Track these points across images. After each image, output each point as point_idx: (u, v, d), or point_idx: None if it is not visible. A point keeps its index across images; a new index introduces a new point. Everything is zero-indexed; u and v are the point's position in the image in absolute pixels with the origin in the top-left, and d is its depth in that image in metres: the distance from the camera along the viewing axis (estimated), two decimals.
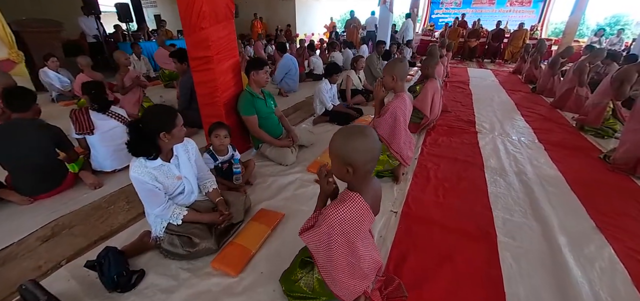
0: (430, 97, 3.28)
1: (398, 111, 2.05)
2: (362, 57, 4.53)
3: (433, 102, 3.31)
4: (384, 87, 2.17)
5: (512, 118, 4.01)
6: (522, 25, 9.50)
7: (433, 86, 3.30)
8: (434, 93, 3.34)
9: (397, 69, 2.06)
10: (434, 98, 3.31)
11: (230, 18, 2.38)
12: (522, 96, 5.27)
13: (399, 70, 2.06)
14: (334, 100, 3.96)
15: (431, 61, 3.43)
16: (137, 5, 12.06)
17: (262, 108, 2.63)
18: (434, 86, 3.30)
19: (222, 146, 2.13)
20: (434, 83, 3.32)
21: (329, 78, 3.66)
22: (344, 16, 10.66)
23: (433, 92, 3.30)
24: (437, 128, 3.52)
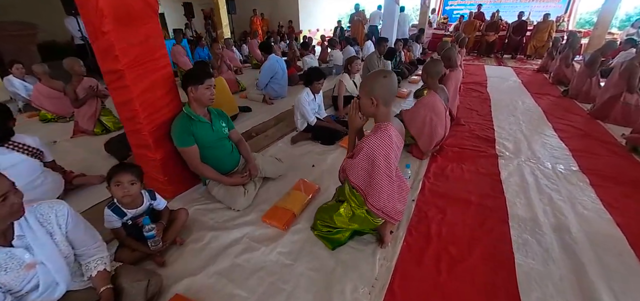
0: (422, 118, 2.54)
1: (377, 151, 1.36)
2: (357, 58, 3.81)
3: (430, 124, 2.54)
4: (360, 111, 1.48)
5: (541, 134, 3.21)
6: (547, 16, 8.46)
7: (430, 103, 2.54)
8: (430, 114, 2.54)
9: (378, 86, 1.37)
10: (431, 120, 2.54)
11: (151, 17, 1.73)
12: (551, 102, 4.42)
13: (381, 88, 1.37)
14: (320, 112, 3.27)
15: (433, 69, 2.59)
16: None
17: (206, 135, 1.98)
18: (430, 103, 2.54)
19: (129, 196, 1.50)
20: (432, 99, 2.55)
21: (310, 87, 2.98)
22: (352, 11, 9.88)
23: (429, 112, 2.53)
24: (446, 150, 2.78)
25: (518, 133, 3.21)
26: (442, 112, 2.62)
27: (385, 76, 1.35)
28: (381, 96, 1.35)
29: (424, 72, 2.65)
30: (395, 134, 1.40)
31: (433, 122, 2.51)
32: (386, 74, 1.36)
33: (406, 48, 7.04)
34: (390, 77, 1.36)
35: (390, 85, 1.36)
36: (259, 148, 3.02)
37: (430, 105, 2.52)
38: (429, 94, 2.58)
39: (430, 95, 2.55)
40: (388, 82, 1.36)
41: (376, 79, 1.36)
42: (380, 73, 1.37)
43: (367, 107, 1.39)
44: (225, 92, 3.66)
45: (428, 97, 2.56)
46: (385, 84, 1.35)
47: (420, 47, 8.29)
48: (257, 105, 4.44)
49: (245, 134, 3.40)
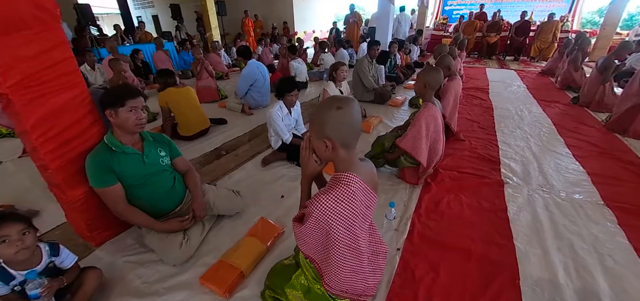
0: (423, 133, 2.08)
1: (333, 221, 0.92)
2: (343, 64, 3.39)
3: (433, 138, 2.13)
4: (315, 154, 1.05)
5: (552, 152, 2.78)
6: (552, 15, 8.01)
7: (429, 115, 2.09)
8: (432, 123, 2.12)
9: (331, 123, 0.91)
10: (432, 134, 2.12)
11: (46, 25, 1.31)
12: (560, 111, 3.98)
13: (335, 126, 0.91)
14: (298, 127, 2.86)
15: (433, 79, 2.05)
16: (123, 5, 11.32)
17: (135, 169, 1.57)
18: (429, 115, 2.09)
19: (26, 249, 1.10)
20: (429, 112, 2.10)
21: (282, 100, 2.56)
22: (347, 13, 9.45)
23: (431, 122, 2.10)
24: (441, 175, 2.35)
25: (526, 151, 2.78)
26: (441, 126, 2.20)
27: (339, 107, 0.89)
28: (337, 137, 0.91)
29: (421, 82, 2.08)
30: (362, 190, 0.96)
31: (434, 137, 2.12)
32: (341, 104, 0.89)
33: (403, 50, 6.62)
34: (347, 108, 0.89)
35: (348, 121, 0.90)
36: (224, 171, 2.61)
37: (429, 115, 2.08)
38: (426, 106, 2.12)
39: (429, 107, 2.09)
40: (344, 117, 0.89)
41: (327, 113, 0.90)
42: (332, 103, 0.90)
43: (320, 152, 0.97)
44: (194, 104, 3.24)
45: (428, 109, 2.09)
46: (340, 120, 0.89)
47: (418, 49, 7.87)
48: (234, 116, 4.02)
49: (214, 153, 2.99)
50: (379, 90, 4.28)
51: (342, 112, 0.89)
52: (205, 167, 2.74)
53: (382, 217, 1.82)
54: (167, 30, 11.45)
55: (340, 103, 0.89)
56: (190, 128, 3.22)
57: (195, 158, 2.87)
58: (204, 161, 2.85)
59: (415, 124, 2.06)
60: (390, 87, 4.97)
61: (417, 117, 2.08)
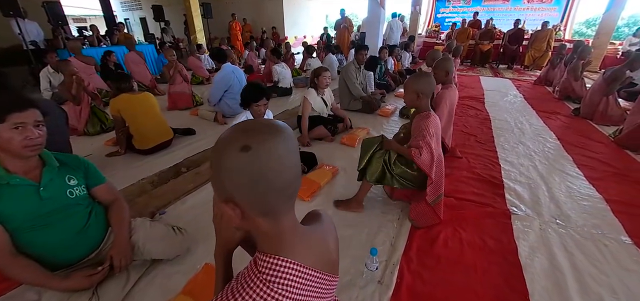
0: (434, 145, 1.62)
1: None
2: (326, 70, 3.01)
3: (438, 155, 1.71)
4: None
5: (562, 172, 2.43)
6: (546, 24, 7.84)
7: (435, 125, 1.68)
8: (436, 134, 1.69)
9: (233, 173, 0.46)
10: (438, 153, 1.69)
11: None
12: (563, 124, 3.67)
13: (237, 178, 0.46)
14: None
15: (426, 85, 1.65)
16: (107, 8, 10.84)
17: (25, 206, 1.14)
18: (436, 125, 1.68)
19: None
20: (435, 122, 1.70)
21: (249, 110, 2.15)
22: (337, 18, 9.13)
23: (436, 132, 1.68)
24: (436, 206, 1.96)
25: (532, 171, 2.42)
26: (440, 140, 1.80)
27: (246, 148, 0.44)
28: (247, 200, 0.49)
29: (412, 91, 1.67)
30: (304, 281, 0.54)
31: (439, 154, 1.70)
32: (250, 141, 0.45)
33: (394, 55, 6.30)
34: (261, 148, 0.45)
35: (265, 171, 0.45)
36: (178, 195, 2.18)
37: (436, 126, 1.68)
38: (428, 116, 1.66)
39: (433, 117, 1.67)
40: (255, 164, 0.45)
41: (225, 157, 0.46)
42: (235, 139, 0.46)
43: (229, 219, 0.54)
44: (152, 112, 2.81)
45: (434, 119, 1.67)
46: (249, 170, 0.45)
47: (410, 56, 7.57)
48: (206, 125, 3.60)
49: (172, 170, 2.56)
50: (366, 98, 3.92)
51: (251, 157, 0.45)
52: (157, 188, 2.31)
53: (361, 265, 1.42)
54: (153, 33, 11.00)
55: (247, 140, 0.45)
56: (147, 141, 2.78)
57: (147, 177, 2.44)
58: (158, 180, 2.42)
59: (424, 137, 1.62)
60: (380, 95, 4.62)
61: (425, 126, 1.62)
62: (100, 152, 2.95)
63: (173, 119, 3.88)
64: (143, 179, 2.42)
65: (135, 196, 2.21)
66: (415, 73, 1.88)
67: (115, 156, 2.85)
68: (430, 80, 1.69)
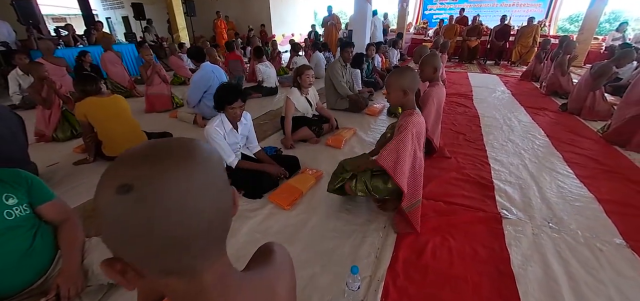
0: (410, 148, 1.52)
1: None
2: (309, 68, 2.87)
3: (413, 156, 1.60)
4: None
5: (551, 170, 2.36)
6: (532, 19, 7.88)
7: (417, 123, 1.57)
8: (416, 141, 1.60)
9: (112, 222, 0.31)
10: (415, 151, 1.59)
11: None
12: (551, 120, 3.63)
13: (118, 229, 0.31)
14: (250, 145, 2.30)
15: (410, 80, 1.52)
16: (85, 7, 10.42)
17: None
18: (417, 124, 1.57)
19: None
20: (418, 120, 1.57)
21: (224, 112, 2.00)
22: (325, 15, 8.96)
23: (417, 137, 1.58)
24: (424, 207, 1.84)
25: (522, 170, 2.35)
26: (423, 142, 1.70)
27: (124, 189, 0.30)
28: (133, 257, 0.33)
29: (397, 88, 1.54)
30: None
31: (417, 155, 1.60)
32: (132, 180, 0.30)
33: (382, 52, 6.20)
34: (148, 190, 0.30)
35: (151, 222, 0.31)
36: None
37: (419, 126, 1.58)
38: (412, 114, 1.56)
39: (417, 115, 1.56)
40: (137, 214, 0.30)
41: (102, 201, 0.32)
42: (113, 177, 0.32)
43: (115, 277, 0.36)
44: (122, 117, 2.62)
45: (417, 117, 1.56)
46: (127, 222, 0.30)
47: (398, 53, 7.50)
48: (184, 128, 3.42)
49: None
50: (353, 97, 3.79)
51: (134, 202, 0.30)
52: None
53: (342, 284, 1.29)
54: (134, 32, 10.61)
55: (130, 175, 0.31)
56: (117, 147, 2.59)
57: None
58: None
59: (400, 133, 1.51)
60: (368, 93, 4.52)
61: (404, 125, 1.53)
62: (69, 159, 2.74)
63: (151, 122, 3.69)
64: None
65: None
66: (397, 68, 1.75)
67: (83, 164, 2.65)
68: (414, 75, 1.57)
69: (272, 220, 1.80)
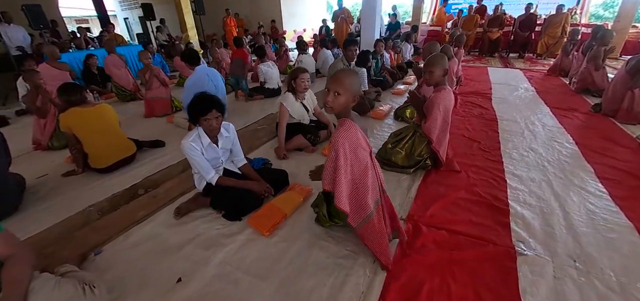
0: (342, 175, 1.31)
1: None
2: (304, 71, 2.64)
3: None
4: None
5: (581, 189, 2.01)
6: (561, 7, 7.20)
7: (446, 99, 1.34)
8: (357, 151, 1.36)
9: None
10: None
11: None
12: (581, 122, 3.21)
13: None
14: (236, 158, 2.11)
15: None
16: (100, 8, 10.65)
17: None
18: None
19: None
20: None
21: (199, 125, 1.81)
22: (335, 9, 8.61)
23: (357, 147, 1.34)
24: (423, 236, 1.60)
25: (544, 188, 2.02)
26: None
27: None
28: None
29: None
30: None
31: None
32: None
33: (393, 48, 5.85)
34: None
35: None
36: (124, 227, 1.87)
37: (350, 137, 1.33)
38: (341, 124, 1.35)
39: (347, 124, 1.32)
40: None
41: None
42: None
43: None
44: (108, 127, 2.52)
45: (346, 129, 1.33)
46: None
47: (412, 47, 7.09)
48: (178, 135, 3.26)
49: (128, 192, 2.26)
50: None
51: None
52: (105, 216, 2.01)
53: None
54: (142, 32, 10.74)
55: None
56: (102, 159, 2.49)
57: (97, 203, 2.14)
58: (109, 206, 2.12)
59: (331, 153, 1.35)
60: (375, 93, 4.23)
61: (332, 142, 1.48)
62: (60, 170, 2.67)
63: (149, 127, 3.62)
64: (91, 206, 2.12)
65: (76, 228, 1.91)
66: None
67: (72, 175, 2.57)
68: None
69: (249, 248, 1.61)
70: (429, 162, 2.19)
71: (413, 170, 2.20)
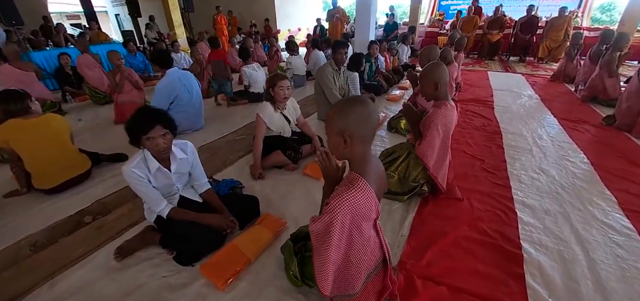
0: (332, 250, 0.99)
1: None
2: (283, 78, 2.30)
3: None
4: None
5: (605, 224, 1.70)
6: (563, 9, 6.92)
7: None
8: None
9: None
10: None
11: None
12: (594, 137, 2.91)
13: None
14: (198, 183, 1.77)
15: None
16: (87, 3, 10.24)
17: None
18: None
19: None
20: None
21: (143, 146, 1.47)
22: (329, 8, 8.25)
23: None
24: (418, 295, 1.27)
25: (561, 222, 1.70)
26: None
27: None
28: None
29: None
30: None
31: None
32: None
33: (390, 51, 5.52)
34: None
35: None
36: (51, 271, 1.52)
37: (356, 203, 0.92)
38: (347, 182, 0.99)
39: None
40: None
41: None
42: None
43: None
44: (54, 141, 2.16)
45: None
46: None
47: (409, 49, 6.78)
48: None
49: (72, 220, 1.92)
50: None
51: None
52: (39, 252, 1.66)
53: None
54: (131, 30, 10.30)
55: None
56: (48, 178, 2.14)
57: (32, 235, 1.80)
58: (46, 239, 1.77)
59: (325, 216, 0.95)
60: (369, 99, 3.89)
61: (329, 210, 0.92)
62: (4, 189, 2.31)
63: (118, 135, 3.25)
64: (22, 239, 1.77)
65: (3, 268, 1.57)
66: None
67: (15, 196, 2.22)
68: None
69: None
70: (426, 188, 1.86)
71: (407, 198, 1.87)
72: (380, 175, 1.04)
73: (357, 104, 0.93)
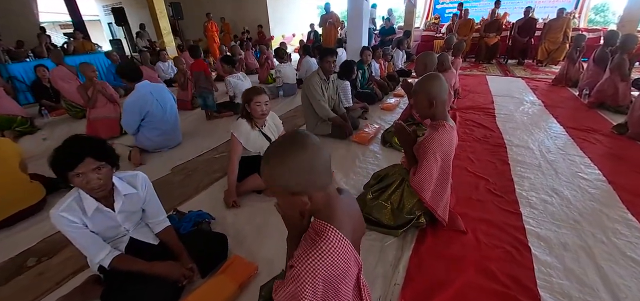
0: None
1: None
2: (261, 92, 2.04)
3: None
4: None
5: (635, 263, 1.43)
6: (562, 11, 6.73)
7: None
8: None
9: None
10: None
11: None
12: (606, 148, 2.65)
13: None
14: (152, 222, 1.49)
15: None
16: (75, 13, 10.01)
17: None
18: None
19: None
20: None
21: (65, 181, 1.19)
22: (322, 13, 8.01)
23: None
24: None
25: (585, 263, 1.43)
26: None
27: None
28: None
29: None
30: None
31: None
32: None
33: (383, 57, 5.28)
34: None
35: None
36: None
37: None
38: None
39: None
40: None
41: None
42: None
43: None
44: (4, 169, 1.89)
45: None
46: None
47: (404, 54, 6.55)
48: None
49: (13, 262, 1.64)
50: (337, 120, 2.94)
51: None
52: None
53: None
54: (130, 38, 10.06)
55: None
56: None
57: None
58: None
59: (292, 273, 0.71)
60: (361, 109, 3.65)
61: (295, 274, 0.87)
62: None
63: None
64: None
65: None
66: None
67: None
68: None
69: None
70: (423, 219, 1.59)
71: (402, 232, 1.60)
72: (354, 216, 0.82)
73: (295, 150, 0.68)
